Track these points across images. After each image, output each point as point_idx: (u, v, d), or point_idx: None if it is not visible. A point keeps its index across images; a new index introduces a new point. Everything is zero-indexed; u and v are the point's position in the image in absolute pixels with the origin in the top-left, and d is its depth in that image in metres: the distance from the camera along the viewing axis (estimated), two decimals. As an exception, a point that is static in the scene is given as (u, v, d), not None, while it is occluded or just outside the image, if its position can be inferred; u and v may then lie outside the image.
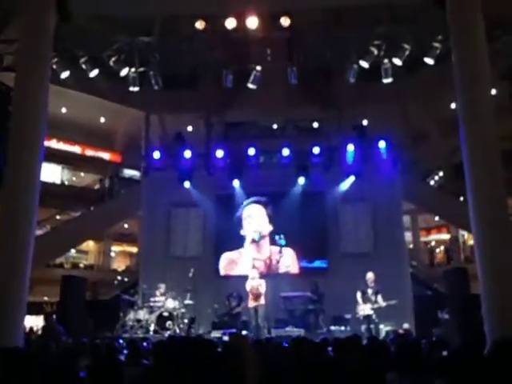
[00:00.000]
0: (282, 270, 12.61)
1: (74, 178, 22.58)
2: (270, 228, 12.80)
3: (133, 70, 10.51)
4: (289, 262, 12.66)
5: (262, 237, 12.72)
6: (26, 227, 6.83)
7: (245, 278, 11.36)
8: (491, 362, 2.90)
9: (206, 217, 13.19)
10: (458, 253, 20.37)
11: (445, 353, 4.28)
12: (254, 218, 12.88)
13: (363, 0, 8.97)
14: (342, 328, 10.58)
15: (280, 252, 12.64)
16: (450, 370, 2.96)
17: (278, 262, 12.62)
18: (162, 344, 3.77)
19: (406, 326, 10.50)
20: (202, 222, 13.23)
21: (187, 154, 12.64)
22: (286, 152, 12.70)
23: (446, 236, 21.84)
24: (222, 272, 12.79)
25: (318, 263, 12.66)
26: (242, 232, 12.87)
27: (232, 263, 12.80)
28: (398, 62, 10.31)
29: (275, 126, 15.58)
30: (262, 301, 10.55)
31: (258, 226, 12.82)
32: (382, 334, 9.95)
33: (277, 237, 12.64)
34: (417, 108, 16.54)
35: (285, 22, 9.65)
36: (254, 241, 12.75)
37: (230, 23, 9.38)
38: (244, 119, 15.27)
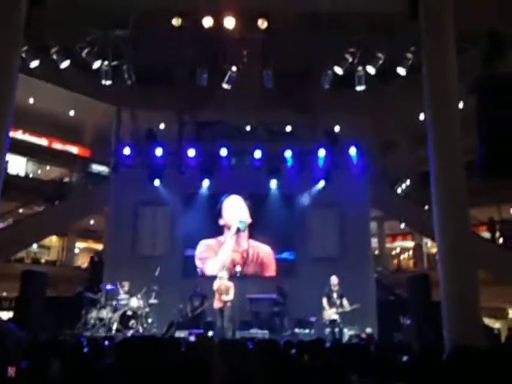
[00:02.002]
0: (254, 267, 12.63)
1: (40, 171, 21.96)
2: (249, 220, 12.81)
3: (106, 63, 10.32)
4: (266, 255, 12.66)
5: (247, 226, 12.71)
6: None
7: (211, 278, 11.31)
8: (449, 368, 2.98)
9: (174, 216, 13.07)
10: (421, 260, 20.87)
11: (405, 357, 4.37)
12: (238, 208, 12.85)
13: (339, 7, 9.08)
14: (307, 331, 10.67)
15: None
16: (410, 374, 3.02)
17: (255, 255, 12.69)
18: (125, 342, 3.71)
19: (368, 330, 10.67)
20: (170, 221, 13.10)
21: (158, 151, 12.50)
22: (257, 154, 12.73)
23: (410, 243, 22.35)
24: (198, 258, 12.69)
25: (286, 254, 12.72)
26: (222, 222, 12.81)
27: (210, 250, 12.77)
28: (371, 70, 10.50)
29: (248, 128, 15.60)
30: (228, 302, 10.51)
31: (242, 215, 12.79)
32: (346, 338, 10.09)
33: (240, 222, 12.65)
34: (387, 117, 16.87)
35: (262, 24, 9.67)
36: (238, 230, 12.71)
37: (207, 22, 9.33)
38: (217, 119, 15.22)
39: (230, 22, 9.35)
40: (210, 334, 9.51)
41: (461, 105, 8.96)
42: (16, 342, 4.43)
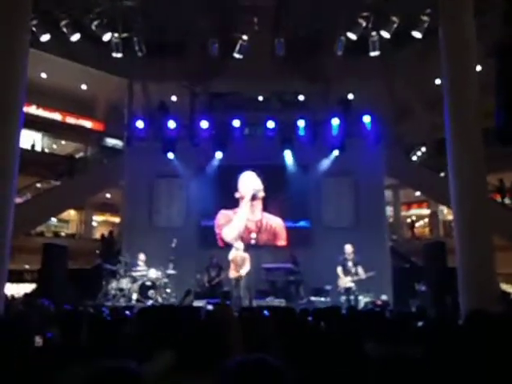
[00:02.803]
0: (267, 236, 12.77)
1: (55, 146, 22.14)
2: (263, 193, 12.92)
3: (116, 35, 10.25)
4: (279, 225, 12.81)
5: (259, 196, 12.84)
6: (6, 195, 6.72)
7: (227, 249, 11.45)
8: (465, 332, 3.01)
9: (189, 187, 13.15)
10: (437, 227, 20.77)
11: (420, 323, 4.41)
12: (254, 181, 13.02)
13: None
14: (322, 299, 10.80)
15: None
16: (426, 339, 3.05)
17: (268, 225, 12.84)
18: (145, 311, 3.81)
19: (384, 297, 10.76)
20: (185, 193, 13.20)
21: (171, 124, 12.47)
22: (270, 124, 12.63)
23: (426, 211, 22.21)
24: (217, 225, 12.92)
25: (301, 223, 12.83)
26: (238, 195, 12.95)
27: (226, 218, 13.01)
28: (385, 34, 10.26)
29: (260, 98, 15.45)
30: (244, 272, 10.65)
31: (257, 187, 12.95)
32: (361, 305, 10.19)
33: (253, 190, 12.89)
34: (402, 83, 16.52)
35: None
36: (253, 198, 12.85)
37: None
38: (229, 90, 15.09)
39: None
40: (227, 303, 9.70)
41: (479, 68, 8.72)
42: (42, 314, 4.59)
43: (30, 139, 19.76)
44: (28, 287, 15.28)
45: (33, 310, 6.13)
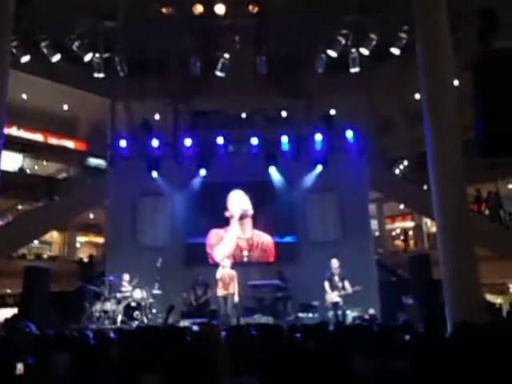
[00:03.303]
0: (259, 253, 12.74)
1: (37, 167, 21.88)
2: (252, 211, 12.89)
3: (97, 55, 10.24)
4: (269, 242, 12.82)
5: (248, 214, 12.85)
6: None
7: (213, 267, 11.36)
8: (452, 344, 3.01)
9: (174, 206, 13.07)
10: (421, 240, 20.95)
11: (407, 336, 4.41)
12: (242, 199, 13.00)
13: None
14: (310, 315, 10.74)
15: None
16: (413, 352, 3.05)
17: (259, 243, 12.81)
18: (131, 333, 3.74)
19: (371, 311, 10.75)
20: (170, 211, 13.10)
21: (154, 142, 12.45)
22: (254, 141, 12.69)
23: (410, 223, 22.41)
24: (208, 245, 12.82)
25: (287, 239, 12.83)
26: (227, 214, 12.89)
27: (218, 237, 12.92)
28: (365, 51, 10.44)
29: (244, 115, 15.54)
30: (232, 290, 10.58)
31: (246, 206, 12.93)
32: (349, 320, 10.17)
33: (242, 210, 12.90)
34: (383, 98, 16.80)
35: (253, 8, 9.59)
36: (242, 217, 12.81)
37: (198, 9, 9.25)
38: (212, 108, 15.15)
39: (220, 8, 9.26)
40: (215, 322, 9.59)
41: (456, 82, 8.91)
42: (25, 340, 4.47)
43: (11, 161, 19.50)
44: (10, 312, 14.91)
45: (15, 335, 5.97)
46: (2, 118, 7.03)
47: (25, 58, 9.80)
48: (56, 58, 9.96)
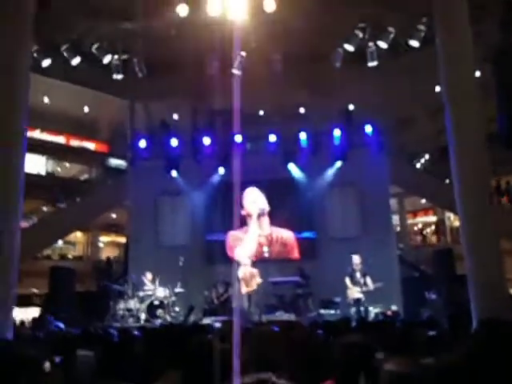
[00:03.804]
0: (279, 248, 12.71)
1: (59, 169, 22.29)
2: (268, 208, 12.89)
3: (116, 57, 10.37)
4: (289, 237, 12.78)
5: (265, 212, 12.89)
6: (12, 219, 6.75)
7: (233, 265, 11.41)
8: (477, 341, 2.96)
9: (194, 205, 13.16)
10: (444, 234, 20.63)
11: (432, 332, 4.36)
12: (258, 198, 13.01)
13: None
14: (332, 311, 10.71)
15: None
16: (438, 349, 3.01)
17: (278, 238, 12.81)
18: (154, 331, 3.79)
19: (394, 307, 10.66)
20: (190, 210, 13.20)
21: (173, 142, 12.55)
22: (272, 138, 12.68)
23: (432, 218, 22.09)
24: (228, 247, 12.89)
25: (307, 234, 12.79)
26: (244, 212, 12.93)
27: (237, 240, 12.96)
28: (383, 45, 10.31)
29: (261, 113, 15.51)
30: (254, 287, 10.63)
31: (262, 204, 12.93)
32: (371, 316, 10.10)
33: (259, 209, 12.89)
34: (402, 91, 16.56)
35: (269, 6, 9.56)
36: (260, 215, 12.83)
37: (213, 8, 9.26)
38: (229, 106, 15.15)
39: (236, 7, 9.25)
40: (236, 319, 9.63)
41: (478, 74, 8.75)
42: (51, 337, 4.57)
43: (35, 164, 19.91)
44: (36, 311, 15.24)
45: (42, 333, 6.10)
46: (25, 121, 7.17)
47: (45, 62, 9.99)
48: (76, 61, 10.13)
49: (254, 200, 13.04)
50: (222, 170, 12.86)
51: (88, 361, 3.63)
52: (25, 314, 14.51)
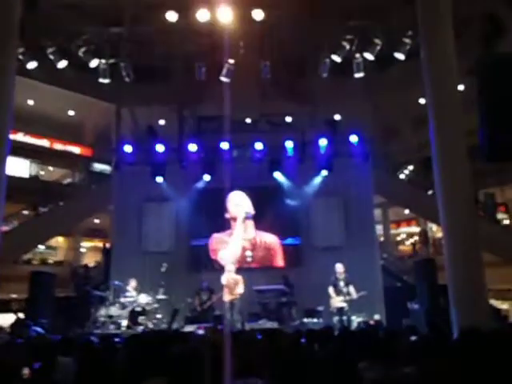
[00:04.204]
0: (262, 253, 12.73)
1: (43, 173, 22.00)
2: (253, 212, 12.89)
3: (103, 61, 10.31)
4: (273, 242, 12.82)
5: (250, 216, 12.88)
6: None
7: (217, 272, 11.36)
8: (458, 350, 2.99)
9: (179, 211, 13.09)
10: (426, 245, 20.86)
11: (414, 338, 4.39)
12: (241, 200, 12.99)
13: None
14: (315, 320, 10.71)
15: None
16: (419, 357, 3.04)
17: (262, 242, 12.80)
18: (136, 337, 3.74)
19: (376, 317, 10.71)
20: (174, 217, 13.12)
21: (159, 148, 12.49)
22: (259, 146, 12.71)
23: (415, 229, 22.34)
24: (211, 250, 12.80)
25: (291, 240, 12.82)
26: (228, 215, 12.89)
27: (221, 242, 12.90)
28: (369, 56, 10.46)
29: (248, 120, 15.57)
30: (237, 294, 10.59)
31: (247, 208, 12.92)
32: (354, 325, 10.13)
33: (245, 213, 12.88)
34: (387, 103, 16.81)
35: (257, 15, 9.63)
36: (245, 218, 12.82)
37: (203, 15, 9.30)
38: (217, 113, 15.18)
39: (225, 15, 9.31)
40: (220, 327, 9.57)
41: (461, 87, 8.92)
42: (29, 343, 4.48)
43: (18, 167, 19.62)
44: (14, 317, 14.94)
45: (20, 339, 5.99)
46: (9, 123, 7.08)
47: (31, 65, 9.89)
48: (62, 64, 10.03)
49: (238, 203, 13.03)
50: (207, 177, 12.83)
51: (68, 367, 3.57)
52: (3, 320, 14.23)
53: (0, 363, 2.93)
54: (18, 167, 19.93)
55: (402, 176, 19.83)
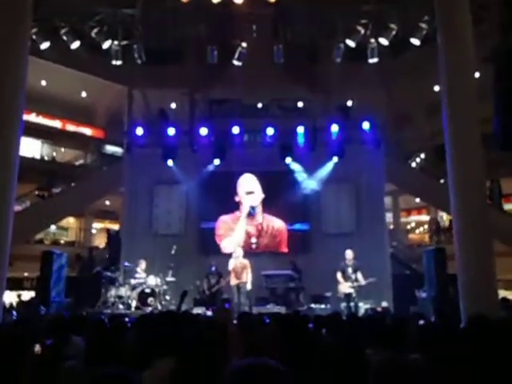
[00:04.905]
0: (268, 239, 12.73)
1: (55, 154, 22.16)
2: (262, 196, 12.89)
3: (116, 42, 10.29)
4: (280, 228, 12.83)
5: (256, 211, 12.90)
6: (5, 203, 6.72)
7: (226, 256, 11.44)
8: (466, 337, 3.00)
9: (189, 194, 13.14)
10: (437, 233, 20.74)
11: (422, 322, 4.39)
12: (253, 186, 13.00)
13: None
14: (323, 306, 10.76)
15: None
16: (426, 344, 3.04)
17: (269, 228, 12.81)
18: (145, 318, 3.79)
19: (384, 304, 10.73)
20: (185, 200, 13.19)
21: (171, 131, 12.49)
22: (270, 131, 12.65)
23: (425, 217, 22.21)
24: (217, 235, 12.87)
25: (299, 226, 12.82)
26: (237, 198, 12.92)
27: (227, 228, 12.95)
28: (384, 41, 10.30)
29: (260, 105, 15.48)
30: (245, 279, 10.65)
31: (253, 201, 12.92)
32: (361, 312, 10.16)
33: (251, 208, 12.88)
34: (401, 90, 16.59)
35: (271, -2, 9.51)
36: (250, 214, 12.87)
37: (216, -3, 9.21)
38: (228, 97, 15.12)
39: (238, -3, 9.21)
40: (227, 306, 9.66)
41: (477, 74, 8.76)
42: (41, 321, 4.57)
43: (30, 147, 19.77)
44: (27, 295, 15.23)
45: (31, 316, 6.11)
46: (22, 104, 7.12)
47: (44, 45, 9.90)
48: (75, 44, 10.03)
49: (248, 189, 13.02)
50: (217, 161, 12.83)
51: (78, 345, 3.64)
52: (16, 298, 14.50)
53: (12, 339, 2.99)
54: (30, 148, 20.09)
55: (413, 164, 19.65)
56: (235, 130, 12.62)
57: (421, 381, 2.04)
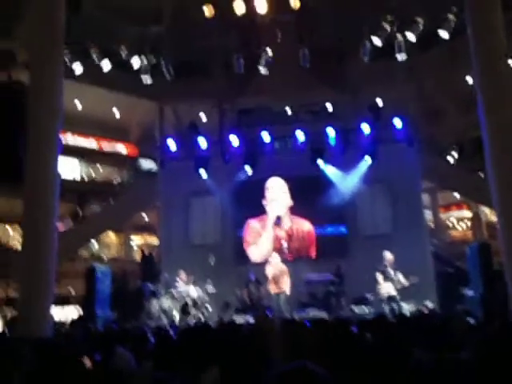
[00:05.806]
0: (298, 243, 12.70)
1: (93, 174, 22.79)
2: (289, 202, 12.85)
3: (144, 59, 10.52)
4: (308, 231, 12.80)
5: (282, 220, 12.87)
6: (48, 222, 6.95)
7: (263, 263, 11.43)
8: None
9: (223, 204, 13.23)
10: (480, 229, 20.10)
11: (471, 320, 4.26)
12: (279, 191, 13.01)
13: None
14: (364, 308, 10.57)
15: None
16: (476, 343, 2.94)
17: (299, 231, 12.76)
18: (189, 330, 3.83)
19: (428, 303, 10.44)
20: (220, 210, 13.29)
21: (202, 142, 12.65)
22: (300, 136, 12.60)
23: (467, 213, 21.55)
24: (245, 241, 12.93)
25: (339, 229, 12.78)
26: (265, 202, 12.95)
27: (254, 235, 13.00)
28: (411, 36, 10.12)
29: (289, 111, 15.48)
30: (283, 286, 10.60)
31: (278, 210, 12.90)
32: (406, 313, 9.91)
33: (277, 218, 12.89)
34: (432, 84, 16.24)
35: (294, 4, 9.52)
36: (275, 223, 12.89)
37: (239, 7, 9.30)
38: (257, 105, 15.20)
39: (261, 5, 9.26)
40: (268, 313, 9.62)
41: (511, 62, 8.48)
42: (90, 336, 4.68)
43: (69, 168, 20.40)
44: (73, 310, 15.65)
45: (79, 332, 6.26)
46: (59, 125, 7.38)
47: (77, 66, 10.23)
48: (106, 65, 10.32)
49: (274, 197, 12.99)
50: (249, 169, 12.86)
51: (125, 357, 3.71)
52: (63, 314, 14.94)
53: (62, 353, 3.08)
54: (69, 168, 20.74)
55: (449, 159, 19.14)
56: (265, 137, 12.65)
57: (473, 381, 1.97)
